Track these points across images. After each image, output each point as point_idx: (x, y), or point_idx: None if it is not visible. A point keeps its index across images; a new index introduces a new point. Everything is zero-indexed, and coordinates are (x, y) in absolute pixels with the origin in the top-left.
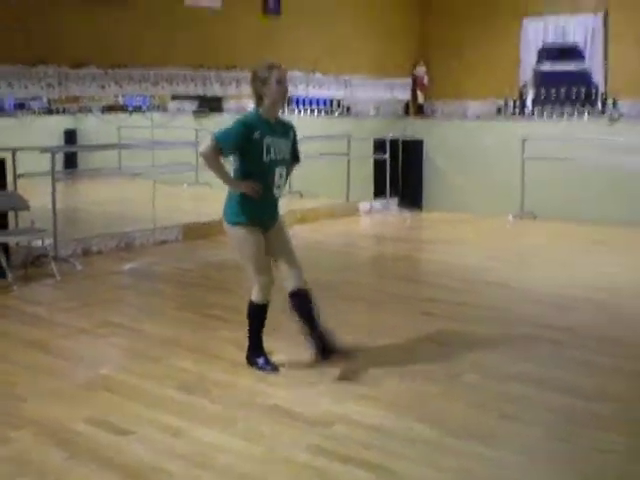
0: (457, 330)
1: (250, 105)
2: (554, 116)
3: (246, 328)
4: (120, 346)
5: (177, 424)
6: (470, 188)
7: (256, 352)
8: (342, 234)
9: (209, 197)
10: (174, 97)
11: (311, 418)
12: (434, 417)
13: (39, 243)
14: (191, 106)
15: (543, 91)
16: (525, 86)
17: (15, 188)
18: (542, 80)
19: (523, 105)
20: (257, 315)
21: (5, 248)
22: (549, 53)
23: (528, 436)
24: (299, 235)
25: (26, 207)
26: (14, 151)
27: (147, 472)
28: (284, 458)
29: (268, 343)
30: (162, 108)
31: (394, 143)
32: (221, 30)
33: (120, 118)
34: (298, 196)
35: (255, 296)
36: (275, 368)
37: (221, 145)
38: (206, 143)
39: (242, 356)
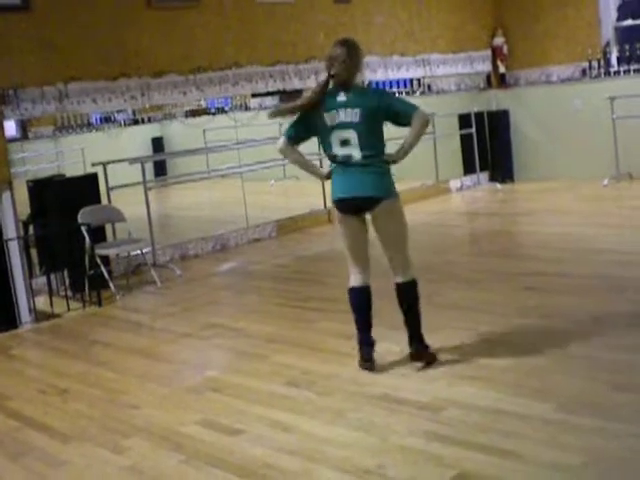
0: (561, 302)
1: None
2: None
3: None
4: (224, 347)
5: (287, 420)
6: (561, 154)
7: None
8: (435, 214)
9: (298, 191)
10: (255, 95)
11: (422, 404)
12: (547, 393)
13: (138, 252)
14: (272, 102)
15: (627, 48)
16: (608, 45)
17: (109, 200)
18: (625, 37)
19: (608, 64)
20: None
21: (106, 260)
22: (629, 8)
23: None
24: None
25: (122, 219)
26: (104, 165)
27: (262, 470)
28: (399, 446)
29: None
30: (244, 107)
31: (479, 116)
32: (294, 23)
33: (204, 121)
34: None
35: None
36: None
37: None
38: None
39: (345, 346)
